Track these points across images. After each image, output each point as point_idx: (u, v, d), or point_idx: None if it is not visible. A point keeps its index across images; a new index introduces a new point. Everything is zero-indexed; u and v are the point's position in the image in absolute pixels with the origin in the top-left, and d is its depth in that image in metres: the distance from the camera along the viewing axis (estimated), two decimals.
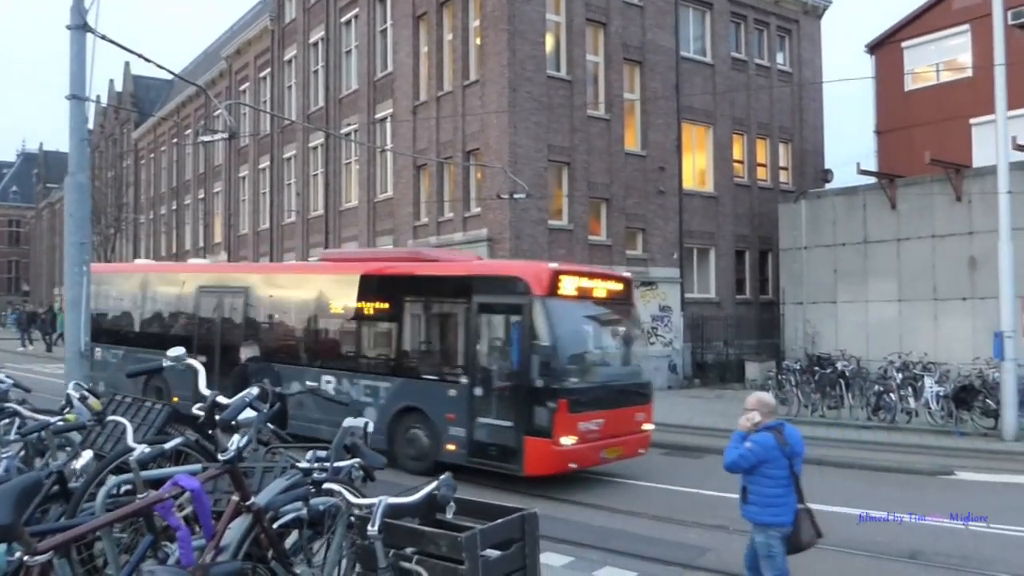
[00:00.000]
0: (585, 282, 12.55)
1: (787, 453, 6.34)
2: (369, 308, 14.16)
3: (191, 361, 4.57)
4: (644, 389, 13.29)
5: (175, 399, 14.56)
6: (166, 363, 4.54)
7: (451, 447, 12.16)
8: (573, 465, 11.63)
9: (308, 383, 5.99)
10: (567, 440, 11.35)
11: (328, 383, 13.90)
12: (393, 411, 13.03)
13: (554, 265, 12.56)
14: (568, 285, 12.12)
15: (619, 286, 13.16)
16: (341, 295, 14.62)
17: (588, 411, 11.71)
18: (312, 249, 34.45)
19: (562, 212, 24.63)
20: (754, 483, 6.41)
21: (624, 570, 8.09)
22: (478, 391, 12.04)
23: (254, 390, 4.13)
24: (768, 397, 6.73)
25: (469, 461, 11.93)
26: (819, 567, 8.55)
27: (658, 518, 10.46)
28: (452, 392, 12.31)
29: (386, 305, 13.89)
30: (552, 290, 11.78)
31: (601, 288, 12.79)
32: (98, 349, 18.12)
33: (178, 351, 4.55)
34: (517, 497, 11.00)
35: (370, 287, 14.23)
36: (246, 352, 10.78)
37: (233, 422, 3.98)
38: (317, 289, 15.22)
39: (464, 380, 12.20)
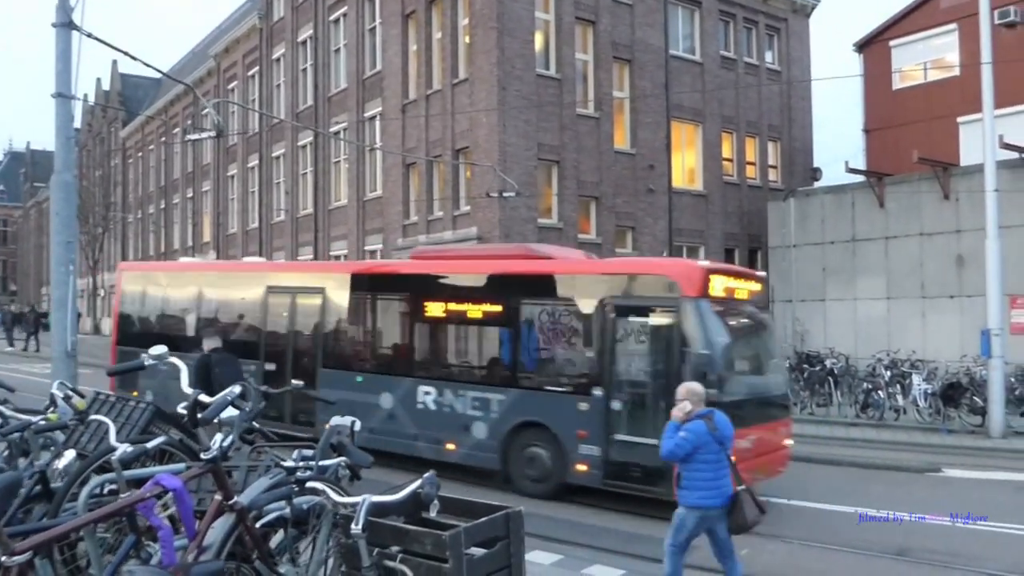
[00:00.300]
0: (732, 282, 11.37)
1: (717, 438, 6.69)
2: (477, 310, 12.51)
3: (173, 359, 4.52)
4: (786, 400, 12.19)
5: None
6: (148, 361, 4.50)
7: (581, 467, 10.81)
8: None
9: (294, 382, 5.88)
10: None
11: (427, 395, 12.48)
12: (509, 427, 11.52)
13: (704, 263, 11.49)
14: (718, 285, 10.92)
15: (758, 286, 11.97)
16: (443, 296, 12.94)
17: (743, 427, 10.02)
18: (301, 248, 34.35)
19: (552, 211, 24.62)
20: (688, 469, 6.72)
21: (613, 568, 8.09)
22: (616, 404, 10.68)
23: (236, 388, 4.09)
24: (697, 386, 7.08)
25: (604, 484, 10.69)
26: (807, 564, 8.58)
27: (647, 516, 10.44)
28: (583, 406, 10.86)
29: (499, 307, 12.21)
30: (704, 291, 10.56)
31: (744, 288, 11.56)
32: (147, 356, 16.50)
33: (160, 349, 4.50)
34: (505, 495, 10.97)
35: (480, 287, 12.62)
36: (208, 343, 10.62)
37: (215, 420, 3.95)
38: (413, 290, 13.44)
39: (598, 392, 10.79)
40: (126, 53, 12.14)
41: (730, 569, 6.86)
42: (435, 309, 13.04)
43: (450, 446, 12.02)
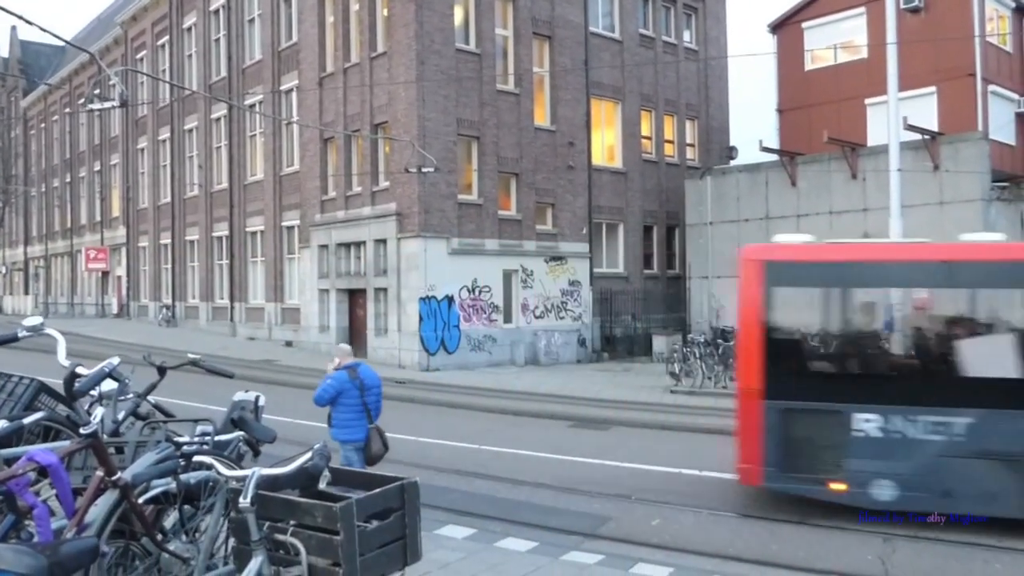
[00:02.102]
0: None
1: (358, 386, 8.14)
2: None
3: (50, 331, 4.29)
4: None
5: None
6: (22, 333, 4.27)
7: None
8: None
9: (190, 355, 5.64)
10: None
11: None
12: None
13: None
14: None
15: None
16: None
17: None
18: (216, 224, 33.46)
19: (472, 187, 24.51)
20: (335, 411, 8.25)
21: (526, 540, 8.09)
22: None
23: (115, 359, 3.92)
24: (346, 346, 8.98)
25: None
26: (716, 532, 8.76)
27: (562, 489, 10.51)
28: None
29: None
30: None
31: None
32: (865, 416, 8.83)
33: (35, 320, 4.27)
34: (419, 468, 10.90)
35: None
36: None
37: (94, 392, 3.76)
38: None
39: None
40: (22, 18, 11.49)
41: None
42: None
43: None
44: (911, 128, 21.06)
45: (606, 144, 29.10)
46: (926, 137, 22.24)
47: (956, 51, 23.65)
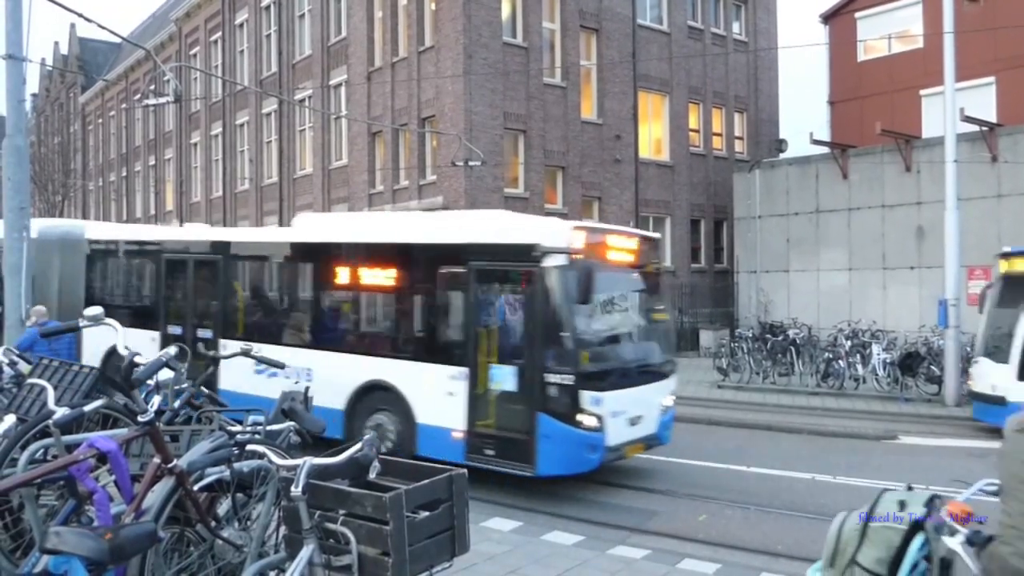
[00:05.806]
0: None
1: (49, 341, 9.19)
2: None
3: (110, 320, 4.41)
4: None
5: None
6: (82, 323, 4.39)
7: None
8: None
9: (241, 346, 5.74)
10: None
11: None
12: None
13: None
14: None
15: None
16: None
17: None
18: (266, 217, 33.95)
19: (518, 180, 24.52)
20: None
21: (572, 534, 8.10)
22: None
23: (172, 349, 4.01)
24: (41, 308, 10.60)
25: None
26: (764, 528, 8.69)
27: (608, 484, 10.50)
28: None
29: None
30: None
31: None
32: None
33: (95, 310, 4.39)
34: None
35: None
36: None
37: (150, 381, 3.86)
38: None
39: None
40: (79, 14, 11.82)
41: None
42: None
43: None
44: (968, 119, 20.53)
45: (653, 137, 28.88)
46: (984, 128, 21.68)
47: (1016, 39, 22.98)
